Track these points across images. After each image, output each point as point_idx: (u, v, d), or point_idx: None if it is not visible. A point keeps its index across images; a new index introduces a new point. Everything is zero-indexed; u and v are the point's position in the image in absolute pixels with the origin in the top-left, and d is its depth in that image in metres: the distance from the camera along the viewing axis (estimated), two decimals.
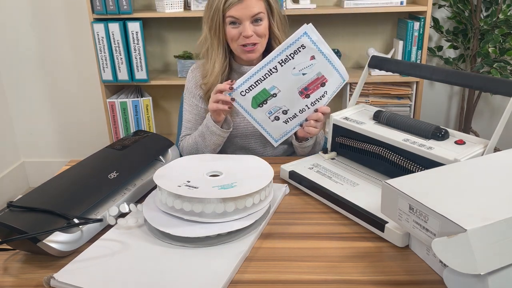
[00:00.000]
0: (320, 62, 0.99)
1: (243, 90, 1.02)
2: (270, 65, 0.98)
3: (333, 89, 1.07)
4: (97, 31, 2.10)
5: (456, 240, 0.57)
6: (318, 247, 0.77)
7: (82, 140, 2.67)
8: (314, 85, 1.02)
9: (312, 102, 1.07)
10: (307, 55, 0.97)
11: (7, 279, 0.72)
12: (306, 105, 1.07)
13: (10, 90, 2.57)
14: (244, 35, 1.17)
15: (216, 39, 1.22)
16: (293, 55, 0.97)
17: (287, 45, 0.97)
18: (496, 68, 2.09)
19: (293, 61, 0.98)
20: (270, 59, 0.99)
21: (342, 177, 0.97)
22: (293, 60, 0.98)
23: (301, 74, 0.99)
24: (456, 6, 2.17)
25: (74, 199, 0.82)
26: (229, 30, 1.20)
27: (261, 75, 0.99)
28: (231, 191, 0.80)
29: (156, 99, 2.49)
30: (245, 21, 1.17)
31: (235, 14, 1.16)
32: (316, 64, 0.99)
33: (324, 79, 1.02)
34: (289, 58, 0.97)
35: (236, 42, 1.20)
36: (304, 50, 0.97)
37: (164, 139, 1.10)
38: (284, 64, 0.98)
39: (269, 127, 1.12)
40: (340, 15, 2.28)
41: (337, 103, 2.41)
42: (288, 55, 0.97)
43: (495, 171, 0.73)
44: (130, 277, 0.68)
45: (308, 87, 1.02)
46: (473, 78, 0.88)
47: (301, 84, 1.02)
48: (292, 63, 0.98)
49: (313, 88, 1.02)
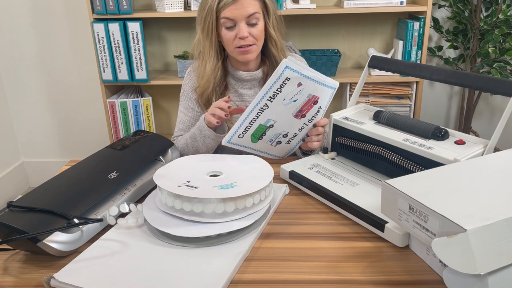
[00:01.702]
0: (308, 85, 0.99)
1: (240, 133, 1.02)
2: (260, 104, 0.97)
3: (327, 101, 1.07)
4: (97, 31, 2.10)
5: (456, 240, 0.57)
6: (318, 247, 0.77)
7: (82, 140, 2.67)
8: (307, 106, 1.02)
9: (309, 120, 1.07)
10: (294, 84, 0.96)
11: (7, 279, 0.72)
12: (304, 123, 1.07)
13: (10, 90, 2.57)
14: (240, 36, 1.15)
15: (208, 41, 1.19)
16: (280, 89, 0.96)
17: (271, 83, 0.96)
18: (496, 68, 2.09)
19: (281, 94, 0.97)
20: (258, 100, 0.98)
21: (342, 177, 0.97)
22: (281, 93, 0.97)
23: (292, 102, 0.99)
24: (456, 6, 2.17)
25: (74, 199, 0.82)
26: (224, 33, 1.17)
27: (253, 115, 0.99)
28: (231, 191, 0.80)
29: (156, 99, 2.49)
30: (240, 21, 1.14)
31: (230, 15, 1.13)
32: (304, 89, 0.98)
33: (316, 98, 1.02)
34: (277, 93, 0.96)
35: (232, 44, 1.18)
36: (289, 82, 0.96)
37: (164, 139, 1.10)
38: (273, 99, 0.97)
39: (273, 151, 1.13)
40: (340, 15, 2.28)
41: (337, 103, 2.41)
42: (275, 91, 0.96)
43: (495, 171, 0.73)
44: (130, 277, 0.68)
45: (302, 109, 1.02)
46: (473, 78, 0.88)
47: (294, 109, 1.01)
48: (281, 96, 0.97)
49: (307, 108, 1.03)
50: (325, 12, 2.13)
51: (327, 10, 2.10)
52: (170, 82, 2.22)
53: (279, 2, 2.08)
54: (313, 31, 2.34)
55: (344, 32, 2.34)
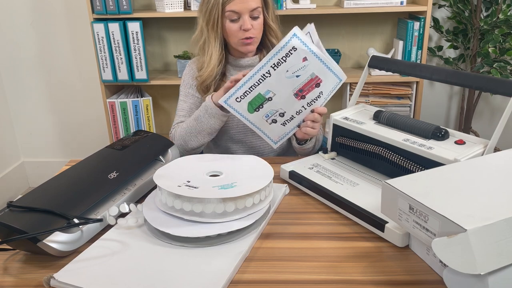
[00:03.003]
0: (313, 63, 0.99)
1: (238, 97, 1.02)
2: (263, 70, 0.98)
3: (330, 89, 1.07)
4: (97, 31, 2.10)
5: (456, 240, 0.57)
6: (318, 247, 0.77)
7: (82, 140, 2.67)
8: (308, 86, 1.02)
9: (308, 103, 1.07)
10: (299, 57, 0.97)
11: (7, 279, 0.72)
12: (303, 106, 1.07)
13: (10, 90, 2.56)
14: (244, 28, 1.22)
15: (214, 33, 1.26)
16: (285, 58, 0.97)
17: (278, 49, 0.97)
18: (496, 68, 2.09)
19: (286, 64, 0.97)
20: (262, 64, 0.98)
21: (342, 177, 0.97)
22: (286, 63, 0.97)
23: (294, 77, 0.99)
24: (456, 6, 2.17)
25: (74, 199, 0.82)
26: (229, 26, 1.24)
27: (254, 80, 0.99)
28: (231, 191, 0.80)
29: (156, 99, 2.49)
30: (245, 14, 1.21)
31: (235, 8, 1.21)
32: (309, 65, 0.99)
33: (319, 80, 1.02)
34: (282, 62, 0.97)
35: (236, 36, 1.25)
36: (295, 52, 0.96)
37: (164, 139, 1.10)
38: (277, 68, 0.98)
39: (267, 130, 1.12)
40: (340, 15, 2.27)
41: (337, 103, 2.41)
42: (280, 59, 0.97)
43: (495, 171, 0.73)
44: (130, 277, 0.68)
45: (302, 89, 1.02)
46: (473, 78, 0.88)
47: (295, 86, 1.02)
48: (285, 66, 0.98)
49: (307, 89, 1.02)
50: (325, 12, 2.13)
51: (327, 10, 2.10)
52: (170, 82, 2.22)
53: (279, 2, 2.08)
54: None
55: (344, 32, 2.34)
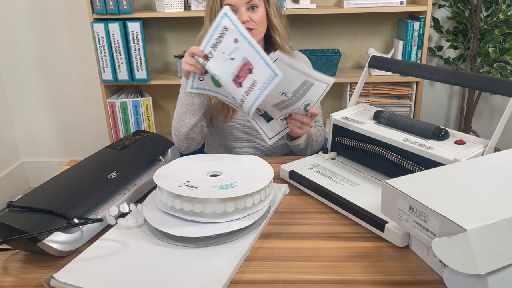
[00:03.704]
0: (243, 46, 0.97)
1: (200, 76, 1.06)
2: (206, 50, 1.00)
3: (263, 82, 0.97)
4: (97, 31, 2.10)
5: (456, 240, 0.57)
6: (318, 247, 0.77)
7: (82, 140, 2.67)
8: (242, 72, 0.99)
9: (246, 92, 1.01)
10: (231, 37, 0.98)
11: (7, 279, 0.72)
12: (242, 95, 1.01)
13: (10, 90, 2.56)
14: (241, 20, 1.20)
15: None
16: (220, 39, 0.99)
17: (214, 28, 0.99)
18: (496, 68, 2.09)
19: (222, 45, 0.99)
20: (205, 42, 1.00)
21: (342, 177, 0.97)
22: (222, 44, 0.99)
23: (230, 60, 0.99)
24: (456, 6, 2.17)
25: (74, 199, 0.82)
26: None
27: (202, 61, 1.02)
28: (231, 191, 0.80)
29: (156, 99, 2.49)
30: (241, 7, 1.21)
31: (231, 2, 1.21)
32: (240, 48, 0.97)
33: (250, 65, 0.98)
34: (218, 42, 0.99)
35: None
36: (228, 33, 0.97)
37: (164, 139, 1.10)
38: (216, 48, 1.00)
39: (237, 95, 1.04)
40: (340, 15, 2.27)
41: (337, 103, 2.40)
42: (217, 39, 0.99)
43: (495, 171, 0.73)
44: (130, 277, 0.68)
45: (238, 74, 1.00)
46: (473, 78, 0.88)
47: (233, 70, 1.00)
48: (222, 47, 0.99)
49: (242, 75, 1.00)
50: (325, 12, 2.13)
51: (327, 10, 2.10)
52: (170, 82, 2.22)
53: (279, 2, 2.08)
54: (313, 31, 2.34)
55: (344, 32, 2.34)
